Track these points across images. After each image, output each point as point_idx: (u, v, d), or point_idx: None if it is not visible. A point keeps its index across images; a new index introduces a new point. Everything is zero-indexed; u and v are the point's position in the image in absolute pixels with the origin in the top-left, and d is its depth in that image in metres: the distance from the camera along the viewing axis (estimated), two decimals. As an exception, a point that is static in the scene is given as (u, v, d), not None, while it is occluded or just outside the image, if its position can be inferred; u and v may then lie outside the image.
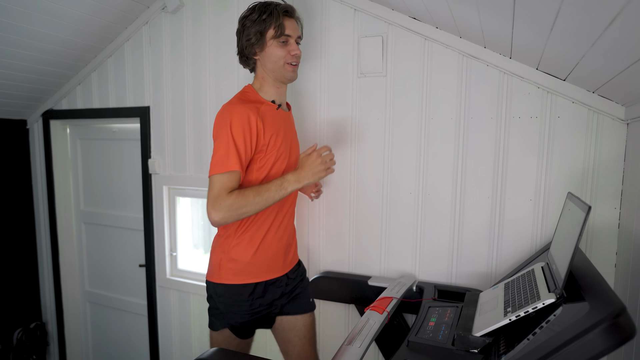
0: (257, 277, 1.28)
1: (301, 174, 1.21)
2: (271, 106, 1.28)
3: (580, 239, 0.84)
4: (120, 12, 1.90)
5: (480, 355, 0.90)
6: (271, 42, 1.24)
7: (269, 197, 1.17)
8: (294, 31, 1.27)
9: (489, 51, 1.38)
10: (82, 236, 2.52)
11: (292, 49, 1.26)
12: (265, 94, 1.30)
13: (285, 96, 1.37)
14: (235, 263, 1.27)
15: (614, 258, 1.29)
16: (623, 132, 1.25)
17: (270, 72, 1.28)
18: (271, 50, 1.25)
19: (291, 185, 1.20)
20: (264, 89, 1.30)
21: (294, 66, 1.28)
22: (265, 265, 1.30)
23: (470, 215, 1.46)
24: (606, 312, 0.68)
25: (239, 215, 1.15)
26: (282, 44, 1.25)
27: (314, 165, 1.21)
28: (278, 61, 1.25)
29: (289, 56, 1.26)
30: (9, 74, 1.98)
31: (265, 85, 1.30)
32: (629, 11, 0.70)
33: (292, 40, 1.27)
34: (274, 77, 1.28)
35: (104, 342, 2.54)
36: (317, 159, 1.21)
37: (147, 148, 2.07)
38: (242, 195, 1.14)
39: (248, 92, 1.30)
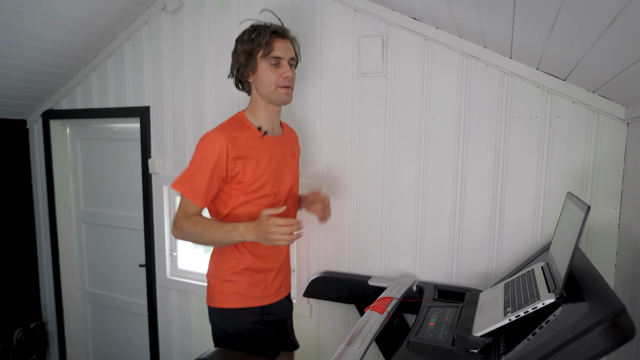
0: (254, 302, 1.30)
1: (249, 230, 1.15)
2: (256, 133, 1.26)
3: (580, 238, 0.84)
4: (120, 12, 1.90)
5: (480, 355, 0.90)
6: (262, 64, 1.22)
7: (215, 239, 1.18)
8: (285, 53, 1.24)
9: (489, 51, 1.38)
10: (82, 236, 2.52)
11: (283, 71, 1.23)
12: (256, 119, 1.29)
13: (278, 119, 1.36)
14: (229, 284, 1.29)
15: (614, 258, 1.29)
16: (623, 132, 1.25)
17: (263, 95, 1.26)
18: (262, 73, 1.23)
19: (238, 236, 1.16)
20: (255, 114, 1.29)
21: (287, 88, 1.25)
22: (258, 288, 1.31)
23: (470, 215, 1.46)
24: (606, 312, 0.68)
25: (189, 240, 1.23)
26: (273, 67, 1.22)
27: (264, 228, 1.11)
28: (270, 85, 1.23)
29: (280, 79, 1.22)
30: (9, 74, 1.98)
31: (257, 109, 1.29)
32: (629, 11, 0.70)
33: (284, 62, 1.23)
34: (267, 100, 1.26)
35: (104, 342, 2.54)
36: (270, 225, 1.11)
37: (147, 148, 2.07)
38: (195, 225, 1.19)
39: (236, 117, 1.30)
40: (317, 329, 1.76)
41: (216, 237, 1.17)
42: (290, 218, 1.32)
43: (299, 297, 1.75)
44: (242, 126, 1.26)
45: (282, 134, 1.38)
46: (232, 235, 1.16)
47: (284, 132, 1.39)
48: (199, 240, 1.20)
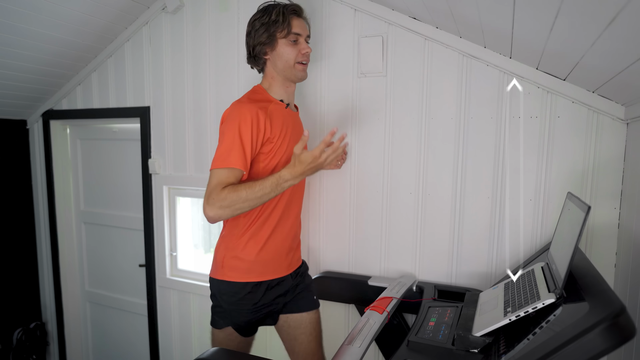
0: (261, 276, 1.28)
1: (294, 172, 1.13)
2: (280, 105, 1.30)
3: (580, 238, 0.84)
4: (120, 13, 1.90)
5: (480, 355, 0.90)
6: (282, 42, 1.26)
7: (264, 195, 1.13)
8: (303, 30, 1.29)
9: (489, 51, 1.38)
10: (82, 236, 2.52)
11: (302, 47, 1.28)
12: (275, 94, 1.32)
13: (294, 96, 1.39)
14: (239, 261, 1.27)
15: (614, 258, 1.29)
16: (623, 132, 1.25)
17: (280, 71, 1.29)
18: (282, 50, 1.27)
19: (288, 183, 1.14)
20: (273, 89, 1.32)
21: (304, 65, 1.30)
22: (270, 264, 1.30)
23: (470, 215, 1.46)
24: (606, 312, 0.68)
25: (233, 211, 1.12)
26: (292, 43, 1.27)
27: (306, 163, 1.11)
28: (289, 60, 1.27)
29: (299, 55, 1.28)
30: (9, 74, 1.98)
31: (275, 84, 1.32)
32: (629, 11, 0.70)
33: (302, 38, 1.29)
34: (284, 76, 1.30)
35: (104, 342, 2.54)
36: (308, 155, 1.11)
37: (147, 148, 2.07)
38: (234, 192, 1.11)
39: (258, 91, 1.31)
40: (317, 329, 1.76)
41: (263, 193, 1.13)
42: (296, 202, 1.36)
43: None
44: (266, 97, 1.29)
45: (297, 112, 1.43)
46: (280, 185, 1.13)
47: (298, 110, 1.44)
48: (243, 204, 1.12)
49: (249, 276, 1.27)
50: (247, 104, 1.20)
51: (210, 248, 2.11)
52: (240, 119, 1.16)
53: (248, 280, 1.26)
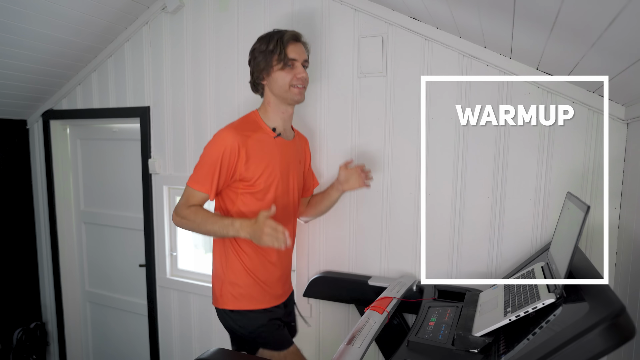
0: (261, 304, 1.33)
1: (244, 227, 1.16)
2: (269, 134, 1.30)
3: (580, 238, 0.84)
4: (120, 13, 1.90)
5: (480, 355, 0.90)
6: (277, 67, 1.28)
7: (211, 230, 1.21)
8: (299, 55, 1.29)
9: (489, 51, 1.38)
10: (82, 236, 2.52)
11: (298, 71, 1.28)
12: (269, 120, 1.33)
13: (290, 123, 1.40)
14: (236, 287, 1.31)
15: (614, 258, 1.29)
16: (623, 132, 1.25)
17: (277, 95, 1.30)
18: (277, 75, 1.28)
19: (232, 231, 1.18)
20: (268, 115, 1.33)
21: (300, 89, 1.30)
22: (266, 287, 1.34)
23: (470, 215, 1.46)
24: (606, 312, 0.68)
25: (188, 229, 1.26)
26: (288, 68, 1.28)
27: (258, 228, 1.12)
28: (284, 85, 1.28)
29: (294, 79, 1.28)
30: (9, 74, 1.98)
31: (270, 110, 1.33)
32: (629, 11, 0.70)
33: (298, 63, 1.29)
34: (280, 100, 1.31)
35: (104, 342, 2.54)
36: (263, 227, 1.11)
37: (147, 148, 2.07)
38: (194, 214, 1.22)
39: (250, 116, 1.33)
40: (317, 329, 1.76)
41: (212, 228, 1.21)
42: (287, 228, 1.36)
43: (299, 297, 1.74)
44: (255, 126, 1.30)
45: (294, 139, 1.42)
46: (227, 230, 1.19)
47: (295, 138, 1.43)
48: (195, 228, 1.24)
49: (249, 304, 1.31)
50: (231, 133, 1.23)
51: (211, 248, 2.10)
52: (219, 146, 1.21)
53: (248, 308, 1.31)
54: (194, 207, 1.24)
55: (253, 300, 1.31)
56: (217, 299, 1.34)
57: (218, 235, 1.23)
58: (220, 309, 1.33)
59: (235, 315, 1.31)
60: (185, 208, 1.24)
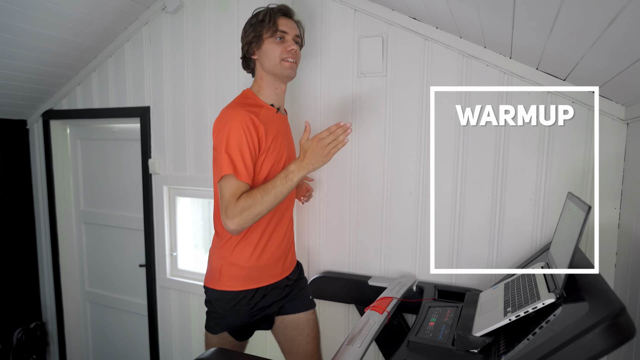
0: (258, 282, 1.28)
1: (303, 162, 1.14)
2: (271, 110, 1.28)
3: (580, 239, 0.84)
4: (120, 13, 1.90)
5: (480, 355, 0.90)
6: (268, 40, 1.26)
7: (278, 192, 1.14)
8: (290, 29, 1.28)
9: (489, 51, 1.38)
10: (82, 236, 2.52)
11: (288, 44, 1.26)
12: (264, 97, 1.30)
13: (284, 99, 1.37)
14: (236, 268, 1.26)
15: (614, 258, 1.29)
16: (623, 132, 1.25)
17: (268, 70, 1.28)
18: (267, 47, 1.26)
19: (296, 175, 1.14)
20: (262, 92, 1.30)
21: (292, 62, 1.27)
22: (266, 270, 1.29)
23: (470, 215, 1.46)
24: (606, 312, 0.68)
25: (253, 217, 1.13)
26: (278, 41, 1.26)
27: (316, 151, 1.13)
28: (274, 58, 1.25)
29: (285, 52, 1.25)
30: (9, 74, 1.98)
31: (264, 86, 1.30)
32: (629, 11, 0.70)
33: (289, 37, 1.27)
34: (272, 75, 1.28)
35: (104, 342, 2.54)
36: (319, 143, 1.13)
37: (147, 148, 2.07)
38: (250, 198, 1.12)
39: (247, 95, 1.30)
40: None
41: (275, 192, 1.13)
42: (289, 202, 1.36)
43: (299, 297, 1.75)
44: (256, 103, 1.28)
45: (287, 115, 1.41)
46: (289, 178, 1.14)
47: (287, 114, 1.43)
48: (261, 207, 1.13)
49: (246, 284, 1.26)
50: (239, 111, 1.17)
51: (210, 248, 2.10)
52: (235, 128, 1.15)
53: (245, 288, 1.26)
54: (243, 195, 1.13)
55: (252, 280, 1.26)
56: (214, 280, 1.27)
57: (285, 193, 1.15)
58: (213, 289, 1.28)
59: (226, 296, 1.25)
60: (236, 203, 1.12)
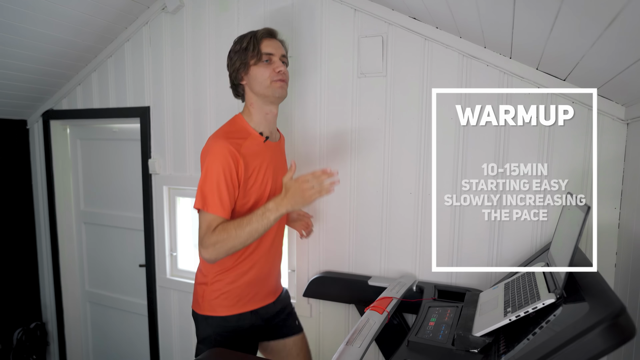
0: (244, 307, 1.29)
1: (283, 201, 1.13)
2: (258, 139, 1.26)
3: (580, 239, 0.84)
4: (120, 13, 1.90)
5: (480, 355, 0.90)
6: (254, 65, 1.25)
7: (252, 230, 1.13)
8: (275, 49, 1.27)
9: (489, 51, 1.38)
10: (82, 236, 2.52)
11: (276, 66, 1.25)
12: (254, 123, 1.28)
13: (275, 124, 1.36)
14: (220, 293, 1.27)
15: (614, 258, 1.29)
16: (623, 132, 1.25)
17: (258, 93, 1.26)
18: (255, 72, 1.25)
19: (273, 214, 1.13)
20: (253, 118, 1.28)
21: (282, 82, 1.26)
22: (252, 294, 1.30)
23: (470, 215, 1.46)
24: (606, 312, 0.68)
25: (227, 251, 1.14)
26: (265, 64, 1.25)
27: (297, 193, 1.11)
28: (264, 81, 1.24)
29: (273, 73, 1.25)
30: (9, 74, 1.98)
31: (254, 112, 1.28)
32: (629, 11, 0.70)
33: (275, 58, 1.26)
34: (263, 98, 1.26)
35: (104, 342, 2.54)
36: (300, 185, 1.11)
37: (147, 148, 2.07)
38: (224, 231, 1.13)
39: (236, 122, 1.28)
40: (317, 329, 1.76)
41: (251, 228, 1.12)
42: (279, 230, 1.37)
43: (299, 297, 1.75)
44: (244, 132, 1.26)
45: (279, 141, 1.40)
46: (266, 216, 1.12)
47: (280, 139, 1.41)
48: (235, 242, 1.13)
49: (231, 309, 1.27)
50: (220, 143, 1.17)
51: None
52: (217, 162, 1.15)
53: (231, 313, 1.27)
54: (219, 227, 1.14)
55: (236, 305, 1.27)
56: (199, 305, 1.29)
57: (261, 231, 1.14)
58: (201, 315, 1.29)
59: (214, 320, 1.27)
60: (211, 235, 1.14)
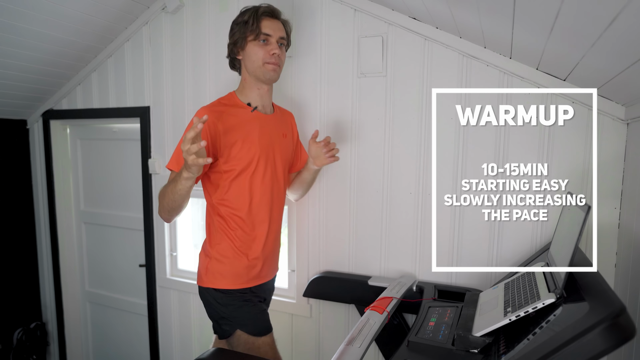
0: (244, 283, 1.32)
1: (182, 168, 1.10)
2: (245, 109, 1.29)
3: (580, 239, 0.84)
4: (120, 12, 1.90)
5: (480, 355, 0.90)
6: (251, 43, 1.26)
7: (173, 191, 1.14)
8: (274, 31, 1.27)
9: (489, 51, 1.38)
10: (82, 236, 2.52)
11: (271, 48, 1.26)
12: (245, 97, 1.31)
13: (269, 99, 1.37)
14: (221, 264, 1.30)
15: (614, 258, 1.29)
16: (623, 132, 1.25)
17: (251, 72, 1.29)
18: (250, 50, 1.27)
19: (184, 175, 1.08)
20: (244, 92, 1.32)
21: (275, 65, 1.27)
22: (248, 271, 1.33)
23: (470, 215, 1.46)
24: (606, 312, 0.68)
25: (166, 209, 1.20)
26: (262, 44, 1.26)
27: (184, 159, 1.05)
28: (257, 61, 1.26)
29: (267, 55, 1.26)
30: (9, 74, 1.98)
31: (247, 87, 1.32)
32: (629, 11, 0.70)
33: (273, 39, 1.27)
34: (254, 77, 1.30)
35: (104, 342, 2.54)
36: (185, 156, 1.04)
37: (147, 148, 2.06)
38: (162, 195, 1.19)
39: (227, 96, 1.33)
40: (317, 329, 1.76)
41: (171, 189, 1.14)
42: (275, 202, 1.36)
43: (299, 297, 1.75)
44: (229, 102, 1.29)
45: (274, 114, 1.40)
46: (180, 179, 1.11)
47: (275, 112, 1.41)
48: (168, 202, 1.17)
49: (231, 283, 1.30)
50: (205, 110, 1.22)
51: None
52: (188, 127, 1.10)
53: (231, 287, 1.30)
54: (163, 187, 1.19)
55: (238, 279, 1.30)
56: (202, 277, 1.33)
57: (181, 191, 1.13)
58: (204, 287, 1.32)
59: (218, 294, 1.30)
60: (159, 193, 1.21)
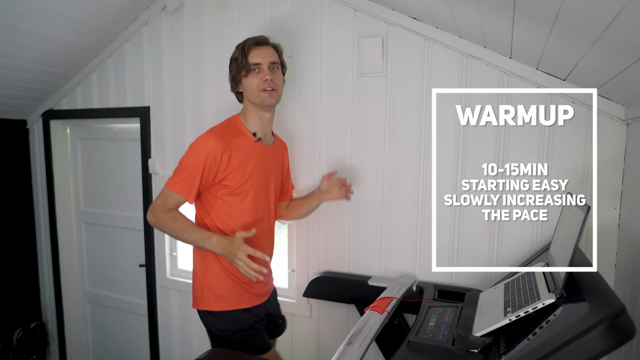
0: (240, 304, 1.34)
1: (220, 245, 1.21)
2: (249, 139, 1.33)
3: (580, 239, 0.84)
4: (120, 13, 1.90)
5: (480, 355, 0.90)
6: (243, 75, 1.31)
7: (188, 240, 1.26)
8: (263, 58, 1.31)
9: (489, 51, 1.38)
10: (82, 236, 2.52)
11: (263, 75, 1.30)
12: (249, 125, 1.35)
13: (270, 128, 1.42)
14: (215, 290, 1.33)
15: (614, 258, 1.29)
16: (623, 132, 1.25)
17: (251, 100, 1.34)
18: (246, 82, 1.32)
19: (208, 246, 1.23)
20: (248, 120, 1.36)
21: (270, 92, 1.31)
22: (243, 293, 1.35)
23: (470, 215, 1.46)
24: (606, 312, 0.68)
25: (162, 231, 1.30)
26: (254, 74, 1.30)
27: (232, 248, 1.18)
28: (253, 90, 1.31)
29: (261, 82, 1.30)
30: (9, 74, 1.98)
31: (249, 115, 1.36)
32: (629, 11, 0.70)
33: (264, 66, 1.30)
34: (254, 105, 1.34)
35: (104, 342, 2.54)
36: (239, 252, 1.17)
37: (147, 148, 2.06)
38: (171, 220, 1.25)
39: (232, 121, 1.37)
40: (317, 329, 1.76)
41: (189, 238, 1.25)
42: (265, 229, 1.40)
43: (299, 297, 1.75)
44: (236, 130, 1.33)
45: (273, 144, 1.45)
46: (203, 243, 1.23)
47: (275, 143, 1.46)
48: (172, 234, 1.28)
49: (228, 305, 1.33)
50: (213, 139, 1.26)
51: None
52: (202, 151, 1.24)
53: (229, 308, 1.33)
54: (173, 212, 1.26)
55: (234, 301, 1.33)
56: (198, 302, 1.36)
57: (194, 245, 1.27)
58: (201, 310, 1.36)
59: (215, 318, 1.33)
60: (163, 210, 1.26)
